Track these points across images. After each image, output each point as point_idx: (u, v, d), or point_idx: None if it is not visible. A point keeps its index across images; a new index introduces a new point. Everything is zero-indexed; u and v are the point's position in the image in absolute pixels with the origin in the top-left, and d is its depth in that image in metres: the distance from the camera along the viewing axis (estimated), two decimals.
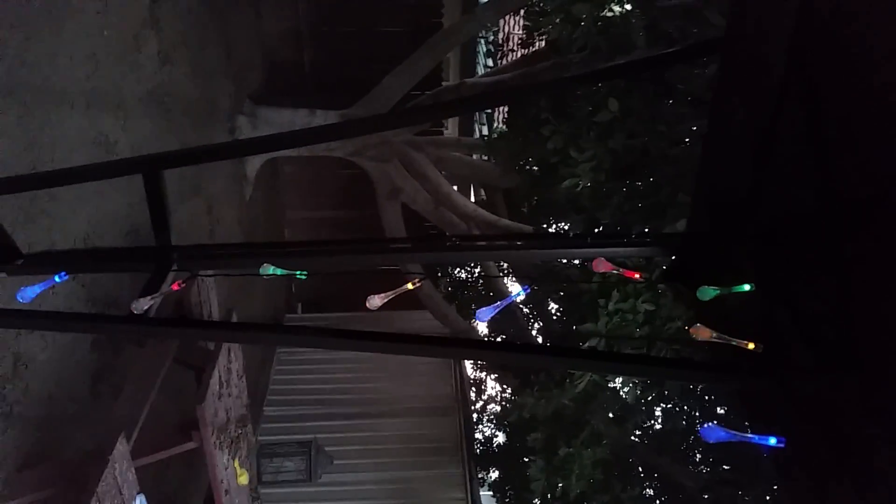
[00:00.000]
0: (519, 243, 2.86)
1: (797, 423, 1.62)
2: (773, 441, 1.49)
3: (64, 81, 4.38)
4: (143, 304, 1.79)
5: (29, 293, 1.93)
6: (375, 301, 1.94)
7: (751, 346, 1.67)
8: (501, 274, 8.88)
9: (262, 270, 1.90)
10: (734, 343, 1.72)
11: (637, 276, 1.96)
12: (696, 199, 2.19)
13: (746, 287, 1.80)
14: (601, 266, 1.91)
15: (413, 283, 1.97)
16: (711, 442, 1.54)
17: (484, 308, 1.91)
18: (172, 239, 2.10)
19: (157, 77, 5.77)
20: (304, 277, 1.89)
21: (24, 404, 3.84)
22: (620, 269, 1.93)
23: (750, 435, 1.51)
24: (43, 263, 2.15)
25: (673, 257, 2.24)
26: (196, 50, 6.72)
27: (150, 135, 5.56)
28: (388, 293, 1.94)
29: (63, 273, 1.95)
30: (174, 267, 1.97)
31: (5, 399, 3.69)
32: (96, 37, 4.78)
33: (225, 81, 7.64)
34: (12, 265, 2.13)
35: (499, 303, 1.93)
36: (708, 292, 1.79)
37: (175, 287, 1.91)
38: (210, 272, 2.22)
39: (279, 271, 1.91)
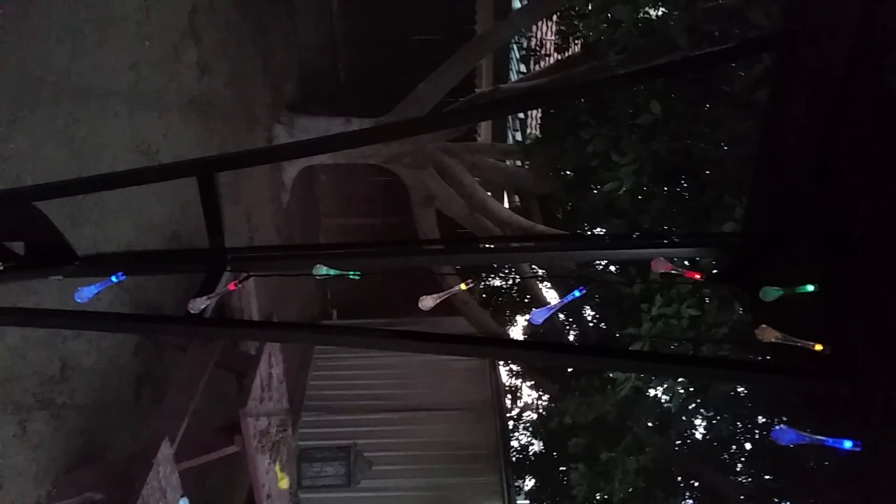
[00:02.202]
0: (558, 244, 2.83)
1: (870, 427, 1.57)
2: (848, 444, 1.44)
3: (108, 90, 4.47)
4: (199, 304, 1.79)
5: (86, 293, 1.95)
6: (428, 302, 1.91)
7: (818, 347, 1.62)
8: (539, 275, 8.82)
9: (315, 271, 1.89)
10: (799, 345, 1.67)
11: (698, 276, 1.91)
12: (753, 198, 2.14)
13: (810, 288, 1.75)
14: (660, 266, 1.86)
15: (466, 284, 1.95)
16: (783, 444, 1.49)
17: (538, 309, 1.87)
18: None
19: (196, 86, 5.86)
20: (357, 277, 1.88)
21: (71, 407, 3.90)
22: (681, 270, 1.88)
23: (823, 438, 1.47)
24: (97, 265, 2.18)
25: (727, 258, 2.18)
26: (234, 60, 6.81)
27: (190, 143, 5.64)
28: (441, 294, 1.92)
29: (120, 273, 1.96)
30: (228, 268, 1.98)
31: (54, 402, 3.75)
32: (138, 47, 4.87)
33: (262, 91, 7.73)
34: (68, 267, 2.16)
35: (553, 303, 1.90)
36: (771, 293, 1.74)
37: (231, 287, 1.92)
38: (263, 273, 2.23)
39: (332, 272, 1.90)
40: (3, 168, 3.38)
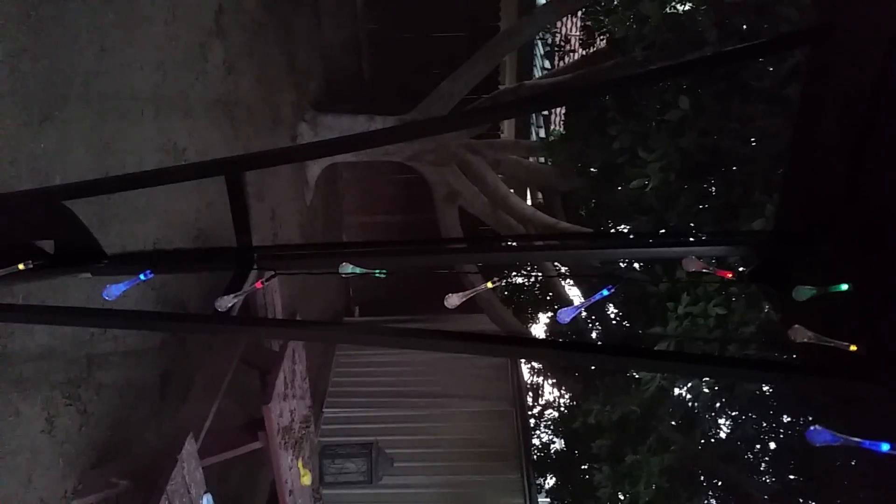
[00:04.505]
0: (583, 242, 2.80)
1: None
2: (886, 447, 1.40)
3: (135, 90, 4.50)
4: (226, 302, 1.80)
5: (115, 290, 1.97)
6: (454, 300, 1.90)
7: (853, 347, 1.59)
8: (563, 274, 8.77)
9: (341, 269, 1.89)
10: (833, 345, 1.64)
11: (730, 275, 1.88)
12: (784, 196, 2.10)
13: (844, 287, 1.72)
14: (692, 265, 1.83)
15: (492, 282, 1.93)
16: (817, 445, 1.46)
17: (565, 308, 1.85)
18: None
19: (222, 86, 5.89)
20: (383, 276, 1.88)
21: (97, 404, 3.94)
22: (712, 268, 1.85)
23: (859, 439, 1.43)
24: (126, 264, 2.19)
25: (757, 256, 2.15)
26: (259, 59, 6.84)
27: (216, 142, 5.68)
28: (467, 292, 1.91)
29: (148, 271, 1.98)
30: (255, 266, 1.98)
31: (80, 398, 3.79)
32: (165, 47, 4.90)
33: (287, 89, 7.77)
34: (97, 265, 2.18)
35: (581, 302, 1.88)
36: (804, 292, 1.70)
37: (258, 285, 1.92)
38: (289, 272, 2.23)
39: (358, 270, 1.90)
40: (34, 167, 3.41)
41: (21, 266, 2.06)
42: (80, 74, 3.86)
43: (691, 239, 2.16)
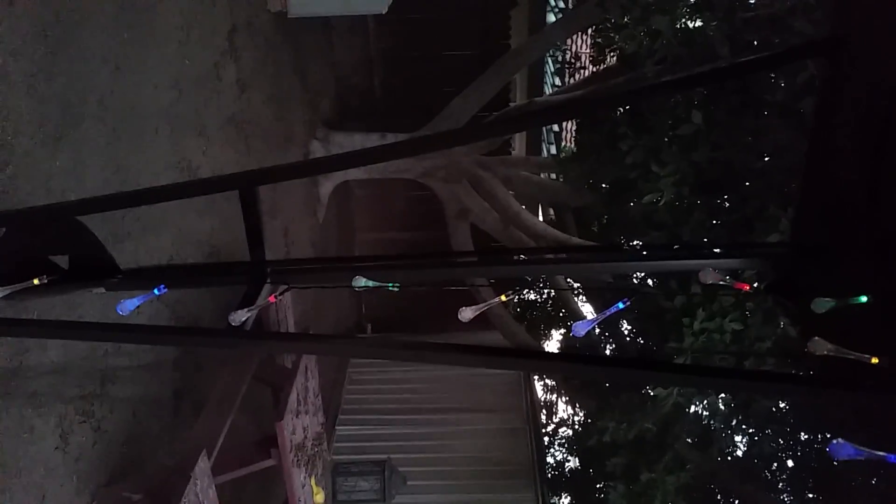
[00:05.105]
0: (594, 255, 2.78)
1: None
2: None
3: (149, 109, 4.54)
4: (240, 317, 1.80)
5: (129, 305, 1.97)
6: (467, 313, 1.89)
7: (874, 360, 1.56)
8: (575, 288, 8.73)
9: (354, 283, 1.89)
10: (853, 357, 1.61)
11: (747, 287, 1.86)
12: (801, 208, 2.09)
13: (863, 299, 1.69)
14: (709, 277, 1.81)
15: (505, 296, 1.92)
16: (841, 459, 1.43)
17: (580, 322, 1.84)
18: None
19: (236, 104, 5.94)
20: (396, 289, 1.87)
21: (111, 420, 3.94)
22: (730, 281, 1.83)
23: (885, 454, 1.40)
24: (140, 279, 2.20)
25: (773, 269, 2.13)
26: (272, 78, 6.90)
27: (230, 160, 5.71)
28: (480, 305, 1.90)
29: (162, 286, 1.98)
30: (268, 280, 1.98)
31: (94, 415, 3.79)
32: (179, 66, 4.95)
33: (299, 108, 7.82)
34: (111, 280, 2.18)
35: (596, 315, 1.86)
36: (823, 304, 1.68)
37: (272, 299, 1.92)
38: (302, 286, 2.23)
39: (371, 283, 1.90)
40: (49, 185, 3.44)
41: (36, 281, 2.08)
42: (95, 93, 3.90)
43: (706, 252, 2.14)
